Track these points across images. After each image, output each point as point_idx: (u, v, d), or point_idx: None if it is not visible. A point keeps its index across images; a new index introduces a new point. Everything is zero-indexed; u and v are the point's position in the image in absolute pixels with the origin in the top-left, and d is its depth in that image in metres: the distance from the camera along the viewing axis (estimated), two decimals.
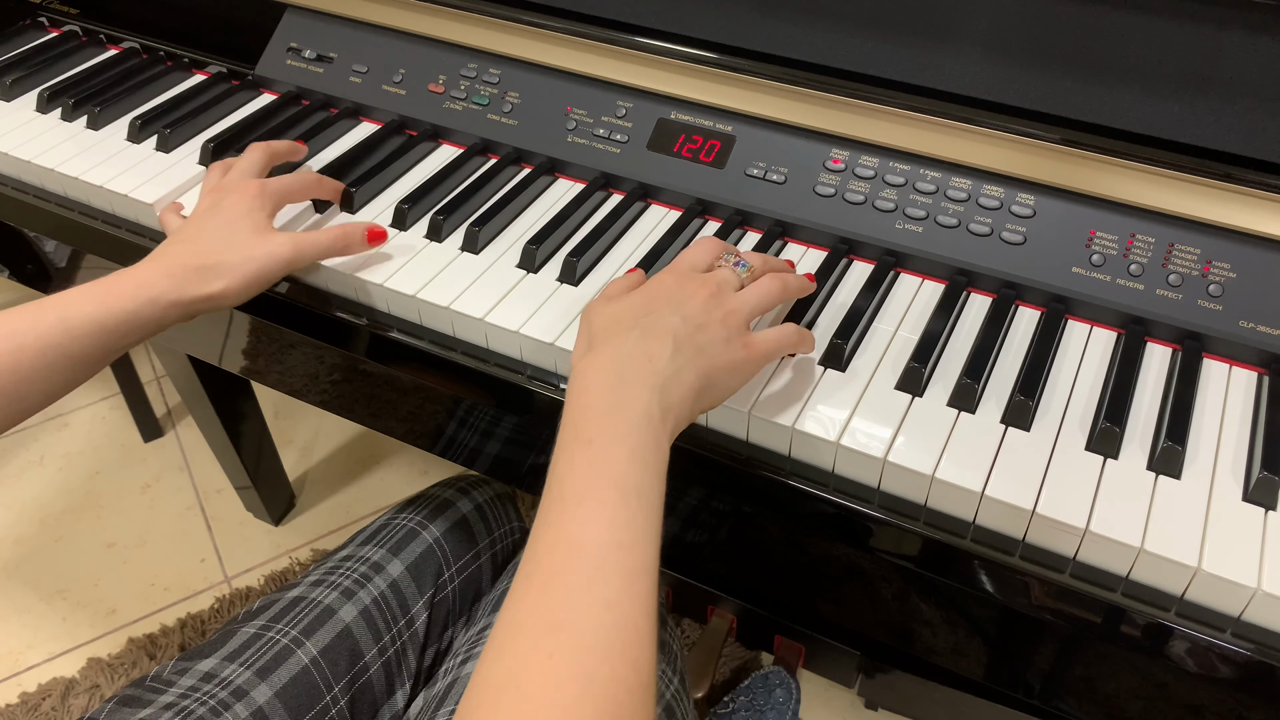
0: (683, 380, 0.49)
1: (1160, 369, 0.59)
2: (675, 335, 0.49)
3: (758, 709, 1.02)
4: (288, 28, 0.86)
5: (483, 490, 0.80)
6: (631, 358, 0.48)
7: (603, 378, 0.48)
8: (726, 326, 0.52)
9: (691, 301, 0.52)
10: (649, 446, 0.46)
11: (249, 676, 0.61)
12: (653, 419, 0.46)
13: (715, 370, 0.50)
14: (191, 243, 0.61)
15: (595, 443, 0.45)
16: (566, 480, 0.44)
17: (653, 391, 0.47)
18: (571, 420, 0.47)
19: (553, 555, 0.42)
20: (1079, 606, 0.51)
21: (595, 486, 0.44)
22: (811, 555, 0.62)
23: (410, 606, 0.69)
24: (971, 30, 0.65)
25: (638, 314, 0.51)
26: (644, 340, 0.49)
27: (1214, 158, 0.60)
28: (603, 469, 0.44)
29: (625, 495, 0.43)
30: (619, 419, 0.46)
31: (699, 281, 0.54)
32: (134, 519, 1.40)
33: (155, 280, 0.58)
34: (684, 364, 0.49)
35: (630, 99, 0.74)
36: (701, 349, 0.50)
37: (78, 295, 0.56)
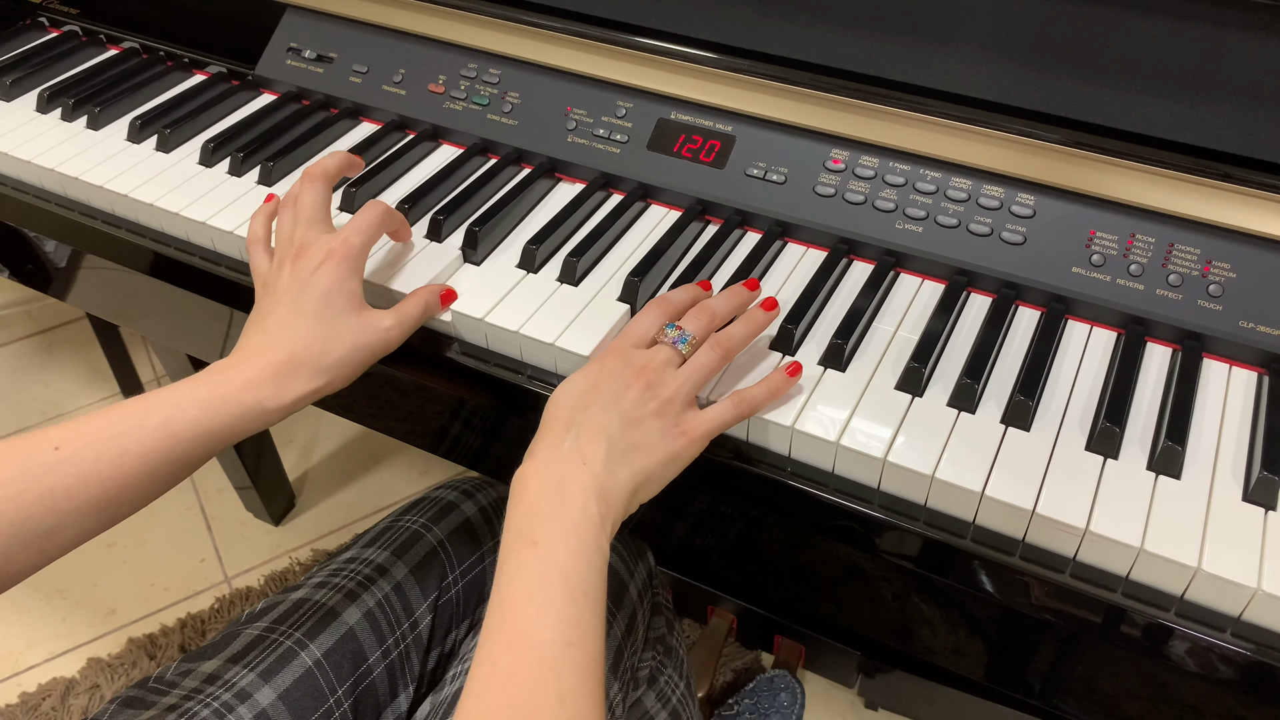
0: (618, 482, 0.50)
1: (1160, 369, 0.59)
2: (609, 435, 0.50)
3: (762, 712, 1.02)
4: (288, 28, 0.86)
5: (486, 493, 0.80)
6: (568, 461, 0.50)
7: (543, 481, 0.49)
8: (662, 417, 0.52)
9: (628, 394, 0.52)
10: (591, 548, 0.47)
11: (252, 678, 0.61)
12: (591, 521, 0.48)
13: (651, 465, 0.51)
14: (287, 332, 0.57)
15: (540, 544, 0.47)
16: (516, 580, 0.46)
17: (588, 495, 0.49)
18: (516, 523, 0.48)
19: (510, 654, 0.44)
20: (1079, 606, 0.51)
21: (543, 586, 0.46)
22: (811, 555, 0.62)
23: (414, 609, 0.69)
24: (972, 30, 0.65)
25: (575, 408, 0.52)
26: (578, 443, 0.50)
27: (1214, 158, 0.60)
28: (549, 568, 0.46)
29: (572, 594, 0.46)
30: (561, 521, 0.48)
31: (636, 368, 0.54)
32: (134, 519, 1.39)
33: (261, 384, 0.55)
34: (617, 465, 0.50)
35: (630, 99, 0.74)
36: (636, 445, 0.51)
37: (183, 397, 0.54)
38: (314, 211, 0.61)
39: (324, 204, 0.62)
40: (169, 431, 0.53)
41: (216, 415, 0.54)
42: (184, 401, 0.54)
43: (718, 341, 0.56)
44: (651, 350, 0.55)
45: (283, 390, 0.55)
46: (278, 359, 0.56)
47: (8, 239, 0.88)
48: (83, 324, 1.71)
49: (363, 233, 0.60)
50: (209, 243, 0.74)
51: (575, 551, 0.47)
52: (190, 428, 0.53)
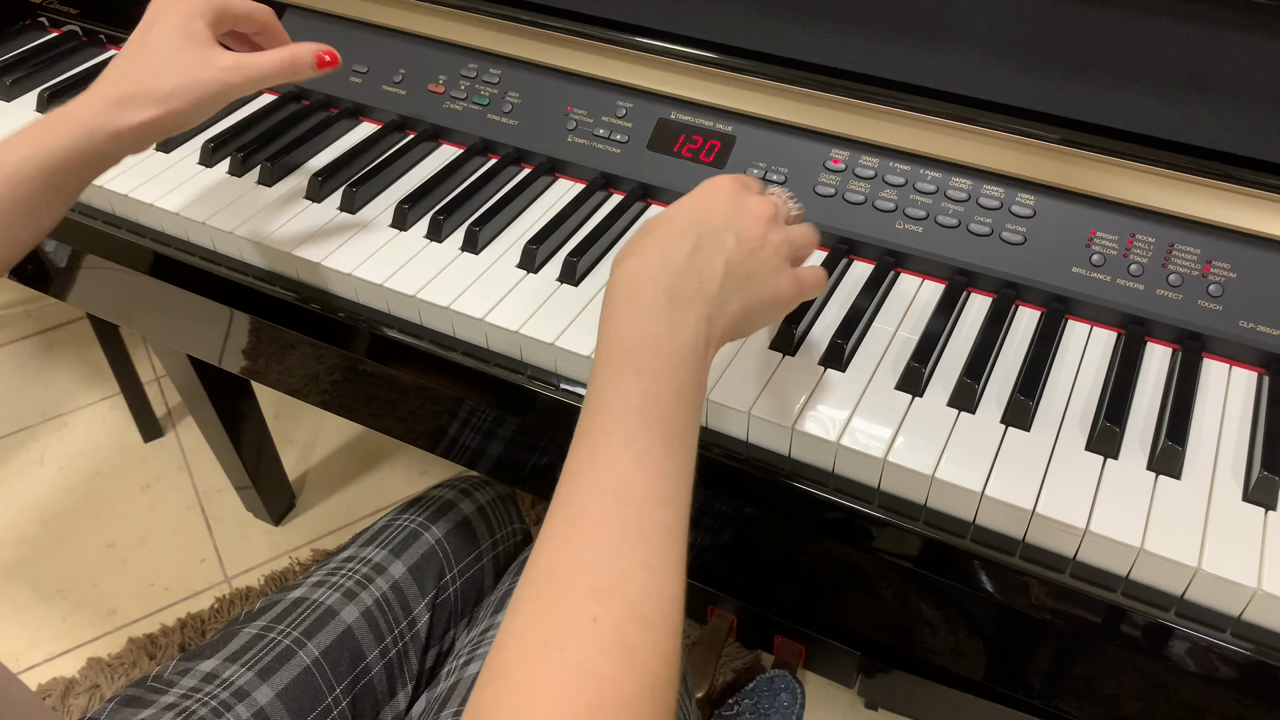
0: (728, 310, 0.46)
1: (1160, 369, 0.59)
2: (729, 257, 0.47)
3: (762, 712, 1.02)
4: (287, 28, 0.85)
5: (485, 491, 0.80)
6: (683, 273, 0.45)
7: (654, 291, 0.44)
8: (779, 255, 0.49)
9: (749, 220, 0.49)
10: (694, 385, 0.43)
11: (250, 677, 0.61)
12: (699, 351, 0.44)
13: (758, 302, 0.48)
14: (126, 69, 0.57)
15: (646, 374, 0.42)
16: (613, 412, 0.42)
17: (700, 319, 0.44)
18: (619, 337, 0.44)
19: (600, 503, 0.40)
20: (1079, 606, 0.51)
21: (643, 429, 0.41)
22: (811, 555, 0.62)
23: (412, 607, 0.69)
24: (972, 30, 0.65)
25: (693, 220, 0.48)
26: (697, 255, 0.46)
27: (1214, 158, 0.60)
28: (652, 408, 0.42)
29: (670, 443, 0.41)
30: (669, 348, 0.43)
31: (757, 201, 0.50)
32: (134, 519, 1.40)
33: (90, 114, 0.55)
34: (731, 291, 0.46)
35: (630, 99, 0.74)
36: (750, 276, 0.48)
37: (14, 140, 0.54)
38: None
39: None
40: (5, 176, 0.53)
41: (49, 151, 0.54)
42: (14, 144, 0.54)
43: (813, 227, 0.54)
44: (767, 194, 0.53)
45: (116, 116, 0.55)
46: (109, 90, 0.56)
47: None
48: (83, 324, 1.71)
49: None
50: (209, 243, 0.74)
51: (679, 390, 0.43)
52: (26, 167, 0.53)
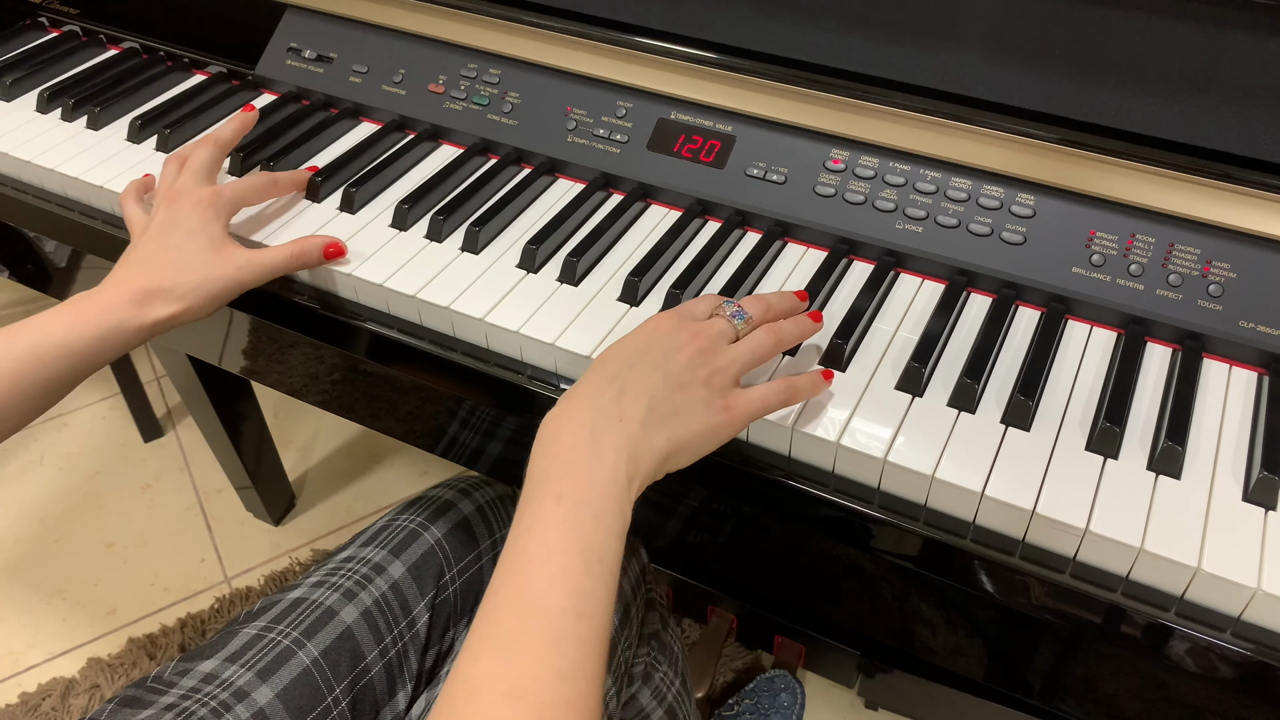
0: (652, 445, 0.48)
1: (1160, 369, 0.59)
2: (652, 395, 0.49)
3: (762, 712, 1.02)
4: (288, 28, 0.86)
5: (484, 491, 0.80)
6: (606, 414, 0.48)
7: (576, 429, 0.48)
8: (709, 387, 0.51)
9: (679, 354, 0.51)
10: (614, 514, 0.46)
11: (250, 678, 0.61)
12: (619, 484, 0.46)
13: (688, 434, 0.50)
14: (149, 263, 0.62)
15: (564, 500, 0.45)
16: (533, 535, 0.45)
17: (619, 454, 0.47)
18: (541, 469, 0.47)
19: (514, 617, 0.42)
20: (1079, 606, 0.51)
21: (561, 548, 0.44)
22: (811, 555, 0.62)
23: (412, 607, 0.69)
24: (971, 30, 0.65)
25: (623, 363, 0.51)
26: (620, 399, 0.49)
27: (1214, 158, 0.60)
28: (569, 530, 0.44)
29: (589, 563, 0.44)
30: (589, 478, 0.46)
31: (691, 332, 0.53)
32: (134, 519, 1.40)
33: (117, 306, 0.60)
34: (656, 427, 0.49)
35: (630, 99, 0.74)
36: (677, 411, 0.50)
37: (48, 321, 0.59)
38: (199, 166, 0.68)
39: (211, 164, 0.69)
40: (36, 354, 0.57)
41: (80, 336, 0.59)
42: (49, 326, 0.58)
43: (772, 329, 0.55)
44: (709, 320, 0.55)
45: (141, 312, 0.60)
46: (136, 286, 0.61)
47: (8, 239, 0.88)
48: None
49: (235, 188, 0.67)
50: None
51: (598, 516, 0.45)
52: (57, 349, 0.58)
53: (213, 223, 0.64)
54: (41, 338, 0.58)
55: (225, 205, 0.66)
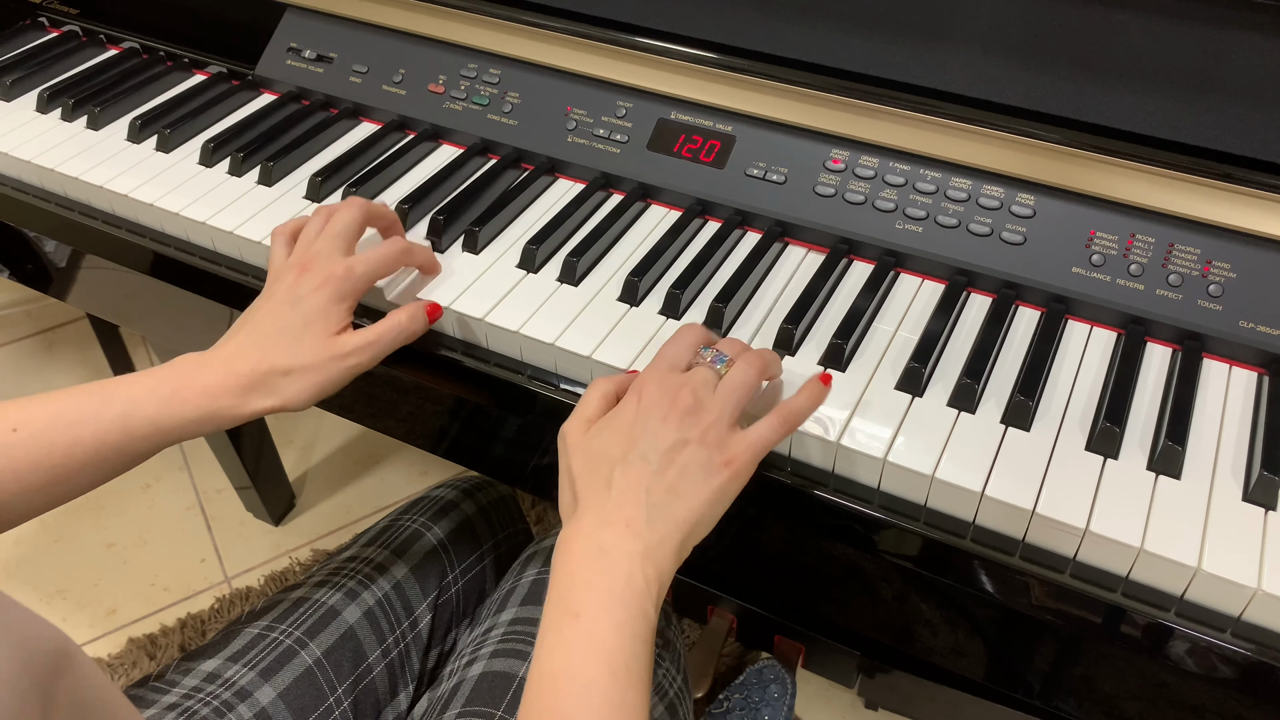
0: (665, 540, 0.47)
1: (1160, 369, 0.59)
2: (648, 489, 0.48)
3: (753, 705, 1.02)
4: (288, 28, 0.86)
5: (486, 492, 0.80)
6: (610, 524, 0.47)
7: (585, 545, 0.47)
8: (704, 446, 0.49)
9: (664, 430, 0.50)
10: (636, 618, 0.45)
11: (252, 677, 0.61)
12: (636, 589, 0.46)
13: (696, 511, 0.48)
14: (264, 340, 0.58)
15: (583, 616, 0.45)
16: (556, 655, 0.44)
17: (632, 559, 0.46)
18: (558, 591, 0.46)
19: None
20: (1079, 606, 0.51)
21: (585, 664, 0.43)
22: (811, 555, 0.62)
23: (414, 608, 0.70)
24: (971, 30, 0.65)
25: (611, 460, 0.49)
26: (620, 504, 0.48)
27: (1214, 158, 0.60)
28: (591, 644, 0.44)
29: (615, 673, 0.43)
30: (604, 591, 0.45)
31: (672, 396, 0.51)
32: (134, 519, 1.40)
33: (222, 391, 0.56)
34: (660, 521, 0.47)
35: (630, 99, 0.74)
36: (678, 494, 0.48)
37: (142, 394, 0.54)
38: (340, 228, 0.62)
39: (353, 228, 0.62)
40: (124, 426, 0.53)
41: (173, 415, 0.55)
42: (143, 397, 0.54)
43: (751, 359, 0.53)
44: (689, 373, 0.53)
45: (241, 402, 0.56)
46: (243, 369, 0.56)
47: (8, 239, 0.88)
48: (83, 324, 1.71)
49: (369, 264, 0.60)
50: (209, 243, 0.74)
51: (620, 624, 0.44)
52: (145, 425, 0.54)
53: (335, 306, 0.59)
54: (134, 410, 0.54)
55: (355, 285, 0.60)
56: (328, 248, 0.61)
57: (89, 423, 0.53)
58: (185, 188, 0.76)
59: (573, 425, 0.52)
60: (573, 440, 0.52)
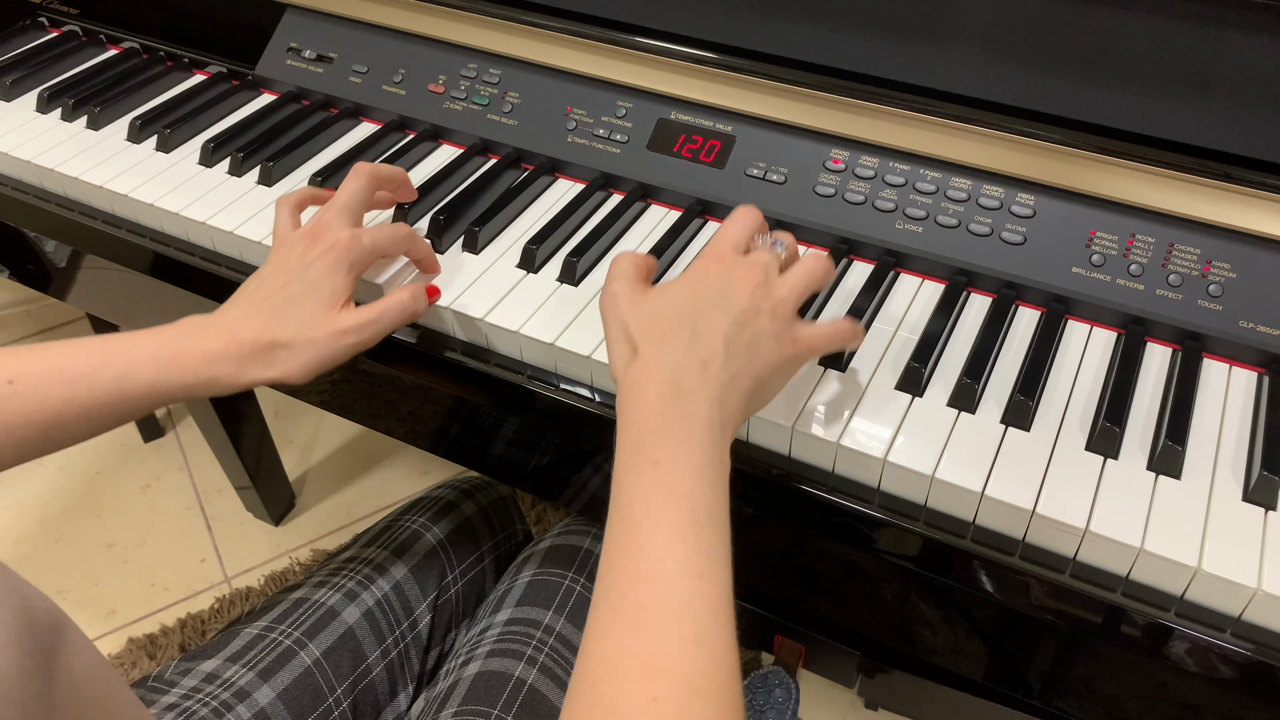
0: (739, 387, 0.47)
1: (1160, 369, 0.59)
2: (726, 337, 0.48)
3: (757, 709, 1.02)
4: (288, 28, 0.86)
5: (486, 492, 0.80)
6: (686, 366, 0.46)
7: (660, 389, 0.46)
8: (775, 319, 0.50)
9: (738, 294, 0.49)
10: (715, 464, 0.44)
11: (251, 678, 0.61)
12: (714, 432, 0.45)
13: (766, 370, 0.49)
14: (266, 306, 0.57)
15: (662, 463, 0.44)
16: (636, 504, 0.43)
17: (712, 403, 0.46)
18: (632, 437, 0.45)
19: (638, 587, 0.41)
20: (1079, 606, 0.51)
21: (669, 511, 0.42)
22: (811, 555, 0.62)
23: (413, 608, 0.69)
24: (971, 30, 0.65)
25: (684, 313, 0.49)
26: (695, 344, 0.47)
27: (1214, 158, 0.60)
28: (674, 491, 0.43)
29: (699, 520, 0.42)
30: (682, 435, 0.44)
31: (744, 269, 0.51)
32: (134, 519, 1.40)
33: (221, 359, 0.55)
34: (738, 369, 0.47)
35: (630, 99, 0.74)
36: (753, 349, 0.48)
37: (142, 356, 0.54)
38: (346, 199, 0.62)
39: (360, 198, 0.63)
40: (119, 388, 0.54)
41: (170, 380, 0.55)
42: (143, 360, 0.54)
43: (820, 255, 0.53)
44: (753, 255, 0.53)
45: (239, 371, 0.56)
46: (245, 339, 0.56)
47: (8, 239, 0.88)
48: (83, 324, 1.71)
49: (376, 236, 0.60)
50: (209, 243, 0.74)
51: (700, 469, 0.44)
52: (142, 388, 0.54)
53: (340, 274, 0.58)
54: (132, 372, 0.54)
55: (361, 255, 0.60)
56: (336, 219, 0.61)
57: (85, 381, 0.53)
58: (185, 188, 0.76)
59: (621, 285, 0.52)
60: (627, 297, 0.51)
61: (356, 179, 0.63)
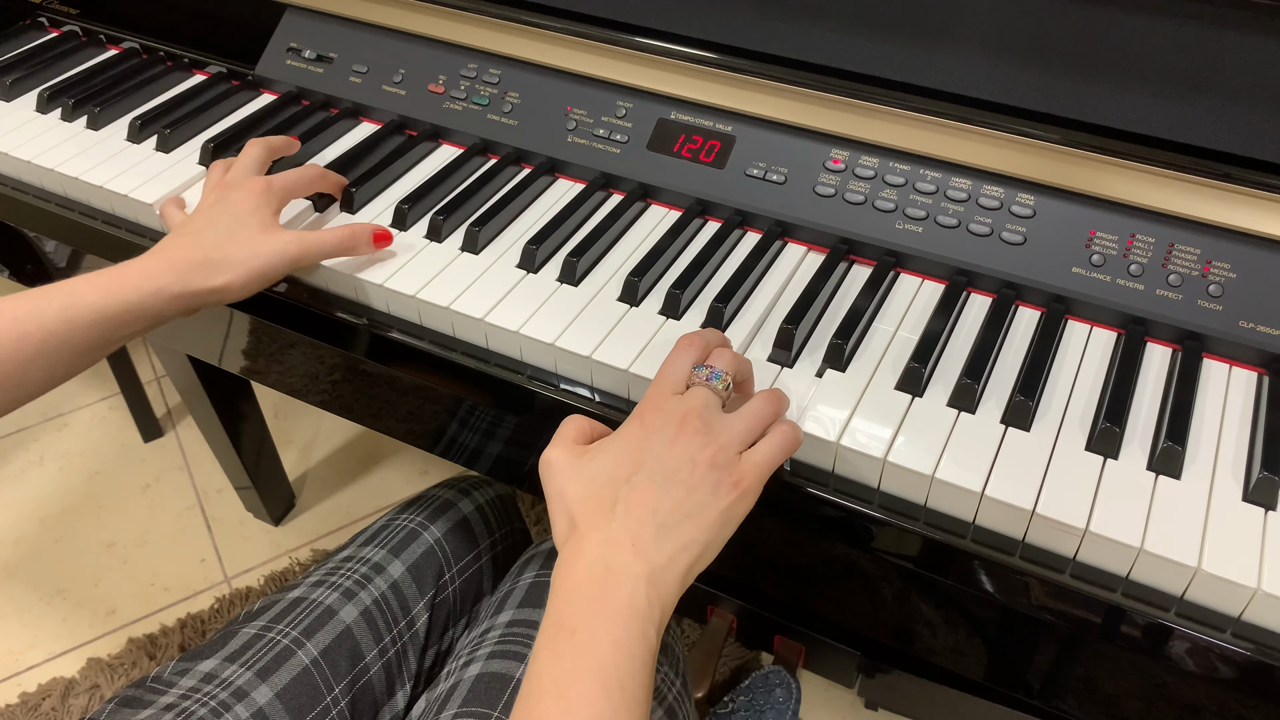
0: (673, 563, 0.46)
1: (1160, 369, 0.59)
2: (656, 509, 0.46)
3: (757, 709, 1.02)
4: (288, 28, 0.86)
5: (484, 491, 0.80)
6: (616, 543, 0.45)
7: (588, 565, 0.45)
8: (714, 467, 0.48)
9: (672, 452, 0.48)
10: (636, 639, 0.43)
11: (250, 677, 0.61)
12: (638, 610, 0.44)
13: (705, 534, 0.47)
14: (197, 235, 0.61)
15: (579, 632, 0.43)
16: (547, 671, 0.43)
17: (637, 581, 0.44)
18: (555, 610, 0.45)
19: None
20: (1079, 606, 0.51)
21: (577, 678, 0.42)
22: (811, 555, 0.62)
23: (411, 607, 0.69)
24: (971, 30, 0.65)
25: (616, 480, 0.48)
26: (625, 523, 0.46)
27: (1214, 158, 0.60)
28: (585, 658, 0.42)
29: (608, 689, 0.41)
30: (604, 609, 0.44)
31: (678, 420, 0.49)
32: (134, 519, 1.40)
33: (160, 272, 0.58)
34: (668, 542, 0.46)
35: (630, 99, 0.74)
36: (688, 514, 0.47)
37: (83, 284, 0.57)
38: (249, 162, 0.68)
39: (260, 163, 0.69)
40: (67, 317, 0.55)
41: (115, 301, 0.57)
42: (84, 288, 0.56)
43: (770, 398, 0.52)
44: (689, 393, 0.51)
45: (181, 280, 0.59)
46: (182, 256, 0.60)
47: (8, 239, 0.88)
48: None
49: (285, 178, 0.67)
50: None
51: (617, 642, 0.43)
52: (89, 313, 0.56)
53: (264, 209, 0.64)
54: (74, 300, 0.56)
55: (278, 193, 0.66)
56: (240, 173, 0.67)
57: (33, 317, 0.55)
58: (185, 188, 0.76)
59: (557, 453, 0.50)
60: (563, 465, 0.49)
61: (252, 148, 0.69)
